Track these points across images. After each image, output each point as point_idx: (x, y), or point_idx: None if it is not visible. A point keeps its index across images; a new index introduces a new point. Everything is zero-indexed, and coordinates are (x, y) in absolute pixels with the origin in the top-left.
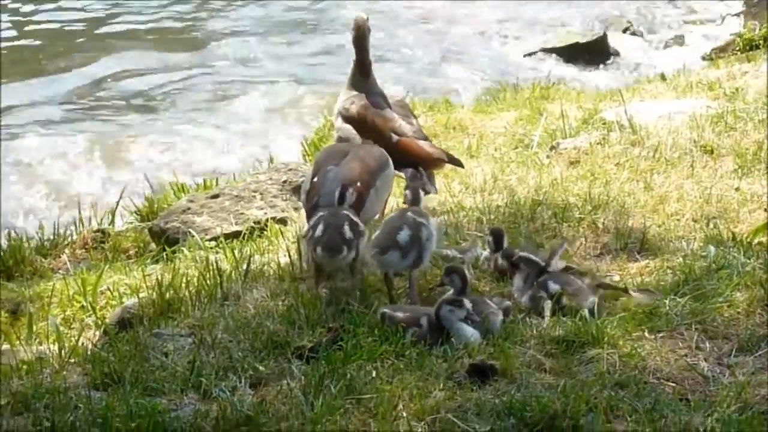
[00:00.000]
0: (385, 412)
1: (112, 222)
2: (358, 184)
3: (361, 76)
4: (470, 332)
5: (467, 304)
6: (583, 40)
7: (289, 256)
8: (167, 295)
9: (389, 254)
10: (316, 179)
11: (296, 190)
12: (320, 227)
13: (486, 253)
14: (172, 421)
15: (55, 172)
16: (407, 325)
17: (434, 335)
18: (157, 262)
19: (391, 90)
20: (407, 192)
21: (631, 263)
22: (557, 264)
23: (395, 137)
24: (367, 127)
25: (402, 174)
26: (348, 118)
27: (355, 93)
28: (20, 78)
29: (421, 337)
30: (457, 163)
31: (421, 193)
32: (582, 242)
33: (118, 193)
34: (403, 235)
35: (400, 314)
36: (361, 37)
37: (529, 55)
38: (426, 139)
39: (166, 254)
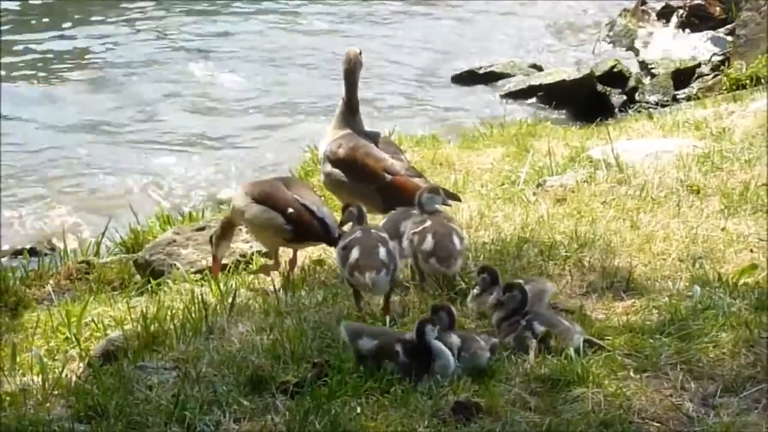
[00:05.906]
0: None
1: (97, 253)
2: None
3: (349, 113)
4: (448, 356)
5: (444, 319)
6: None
7: (275, 289)
8: (152, 328)
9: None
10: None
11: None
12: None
13: (475, 291)
14: None
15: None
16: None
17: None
18: (141, 294)
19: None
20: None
21: (617, 302)
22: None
23: (388, 177)
24: (357, 168)
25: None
26: (336, 162)
27: (341, 133)
28: None
29: (403, 366)
30: (455, 197)
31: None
32: (568, 280)
33: (103, 224)
34: None
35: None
36: (351, 71)
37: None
38: (419, 176)
39: (151, 286)
